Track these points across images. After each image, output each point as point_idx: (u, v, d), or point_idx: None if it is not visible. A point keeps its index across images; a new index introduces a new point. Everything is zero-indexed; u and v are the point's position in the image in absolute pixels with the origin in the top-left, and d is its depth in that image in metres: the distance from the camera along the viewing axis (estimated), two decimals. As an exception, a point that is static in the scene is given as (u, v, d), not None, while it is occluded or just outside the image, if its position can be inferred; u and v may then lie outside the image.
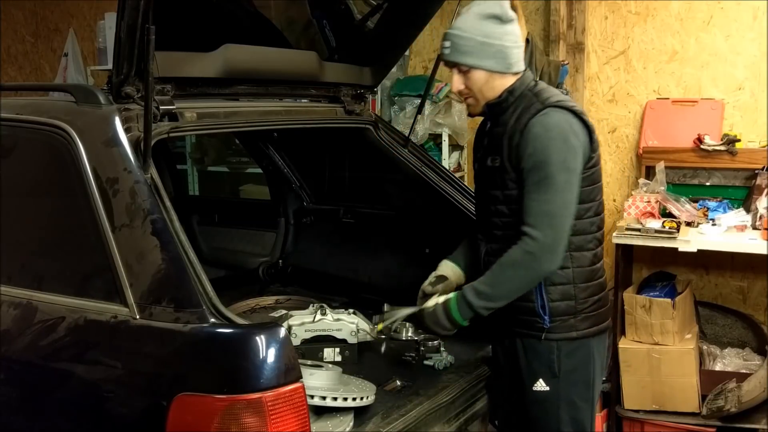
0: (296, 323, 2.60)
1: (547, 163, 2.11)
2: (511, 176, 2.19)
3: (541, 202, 2.12)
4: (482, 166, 2.33)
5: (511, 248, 2.14)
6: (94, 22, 5.66)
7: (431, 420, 2.29)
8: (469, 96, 2.27)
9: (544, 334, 2.25)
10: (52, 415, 1.95)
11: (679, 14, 4.00)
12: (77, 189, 1.98)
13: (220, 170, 5.30)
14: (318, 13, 3.04)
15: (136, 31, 1.90)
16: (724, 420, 3.41)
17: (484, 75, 2.21)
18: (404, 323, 2.95)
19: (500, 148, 2.21)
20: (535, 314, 2.25)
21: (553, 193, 2.12)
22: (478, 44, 2.17)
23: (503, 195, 2.23)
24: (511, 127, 2.19)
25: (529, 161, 2.13)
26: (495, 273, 2.18)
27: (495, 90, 2.24)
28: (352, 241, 3.48)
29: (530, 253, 2.11)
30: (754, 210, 3.53)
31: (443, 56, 2.24)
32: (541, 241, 2.10)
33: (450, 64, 2.25)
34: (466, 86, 2.25)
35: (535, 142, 2.13)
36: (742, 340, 3.88)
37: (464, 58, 2.19)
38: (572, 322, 2.26)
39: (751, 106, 3.88)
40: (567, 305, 2.25)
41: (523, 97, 2.23)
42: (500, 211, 2.26)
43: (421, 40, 4.77)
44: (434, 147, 4.59)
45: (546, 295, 2.23)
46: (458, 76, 2.24)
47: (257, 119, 2.58)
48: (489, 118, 2.32)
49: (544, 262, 2.13)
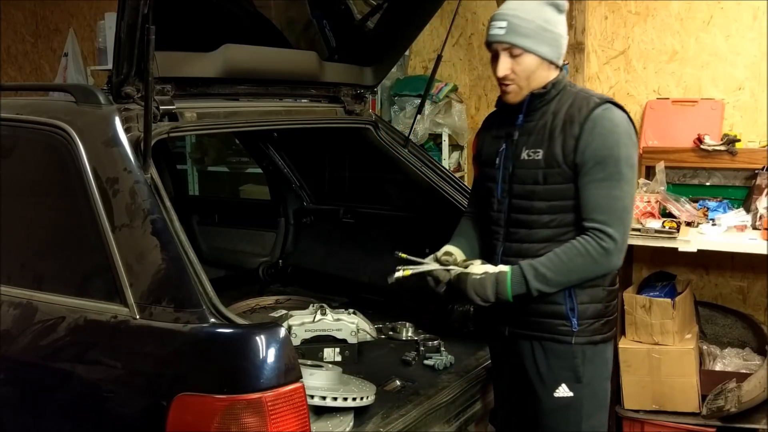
0: (296, 323, 2.60)
1: (616, 158, 2.07)
2: (559, 170, 2.11)
3: (613, 198, 2.07)
4: (507, 160, 2.22)
5: (583, 240, 2.08)
6: (94, 22, 5.66)
7: (431, 420, 2.29)
8: (512, 83, 2.15)
9: (573, 338, 2.18)
10: (52, 415, 1.95)
11: (679, 14, 4.00)
12: (77, 189, 1.98)
13: (220, 170, 5.30)
14: (318, 13, 3.04)
15: (136, 31, 1.90)
16: (724, 420, 3.40)
17: (536, 62, 2.13)
18: (404, 324, 2.96)
19: (543, 142, 2.14)
20: (561, 317, 2.18)
21: (623, 189, 2.08)
22: (538, 28, 2.10)
23: (544, 190, 2.14)
24: (564, 120, 2.11)
25: (594, 155, 2.07)
26: (561, 260, 2.09)
27: (539, 80, 2.16)
28: (352, 241, 3.49)
29: (606, 249, 2.06)
30: (754, 210, 3.52)
31: (495, 38, 2.12)
32: (617, 238, 2.07)
33: (500, 47, 2.12)
34: (513, 71, 2.13)
35: (601, 137, 2.07)
36: (742, 340, 3.88)
37: (522, 40, 2.09)
38: (597, 326, 2.20)
39: (751, 106, 3.88)
40: (595, 308, 2.19)
41: (564, 91, 2.18)
42: (535, 208, 2.16)
43: (421, 40, 4.77)
44: (434, 147, 4.58)
45: (575, 297, 2.17)
46: (507, 59, 2.12)
47: (257, 119, 2.58)
48: (523, 110, 2.20)
49: (614, 260, 2.10)
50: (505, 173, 2.22)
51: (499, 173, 2.24)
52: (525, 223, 2.19)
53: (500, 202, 2.25)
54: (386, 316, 3.05)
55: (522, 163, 2.18)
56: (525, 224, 2.19)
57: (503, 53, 2.13)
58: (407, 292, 3.15)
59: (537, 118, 2.18)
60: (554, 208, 2.14)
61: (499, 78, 2.16)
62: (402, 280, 2.26)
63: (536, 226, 2.16)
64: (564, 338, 2.18)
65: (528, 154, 2.16)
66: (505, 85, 2.17)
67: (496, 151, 2.26)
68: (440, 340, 2.76)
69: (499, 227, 2.25)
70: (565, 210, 2.14)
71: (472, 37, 4.71)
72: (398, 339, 2.90)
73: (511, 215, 2.22)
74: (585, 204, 2.09)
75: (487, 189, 2.30)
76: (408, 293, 3.15)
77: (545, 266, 2.10)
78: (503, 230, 2.24)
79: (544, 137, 2.14)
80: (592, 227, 2.08)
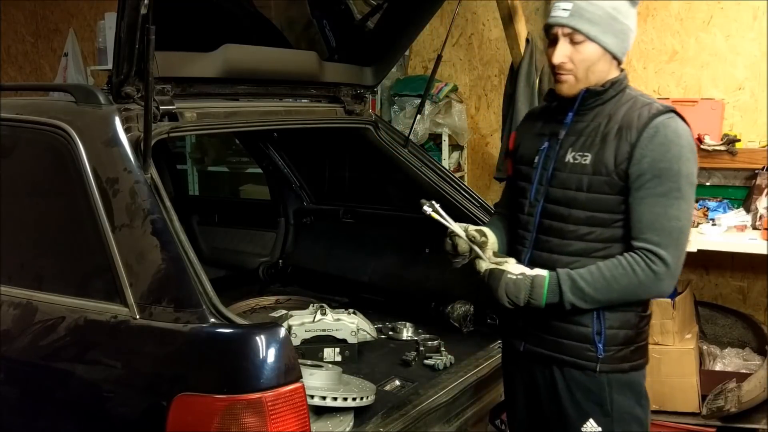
0: (296, 323, 2.60)
1: (678, 173, 1.87)
2: (607, 179, 1.91)
3: (670, 217, 1.87)
4: (548, 161, 2.02)
5: (631, 258, 1.88)
6: (94, 22, 5.66)
7: (431, 420, 2.29)
8: (569, 73, 1.95)
9: (598, 365, 1.96)
10: (52, 415, 1.95)
11: (679, 14, 4.00)
12: (77, 189, 1.98)
13: (220, 170, 5.30)
14: (318, 13, 3.04)
15: (136, 31, 1.90)
16: (724, 420, 3.41)
17: (599, 53, 1.93)
18: (404, 324, 2.95)
19: (593, 145, 1.94)
20: (586, 340, 1.96)
21: (682, 209, 1.88)
22: (606, 16, 1.91)
23: (587, 199, 1.94)
24: (620, 124, 1.92)
25: (652, 167, 1.86)
26: (603, 276, 1.89)
27: (598, 74, 1.96)
28: (352, 241, 3.48)
29: (656, 273, 1.86)
30: (754, 210, 3.53)
31: (558, 20, 1.93)
32: (670, 263, 1.86)
33: (561, 30, 1.93)
34: (571, 59, 1.93)
35: (663, 147, 1.87)
36: (742, 340, 3.88)
37: (588, 26, 1.90)
38: (626, 353, 1.98)
39: (751, 106, 3.88)
40: (625, 334, 1.98)
41: (623, 93, 1.99)
42: (572, 217, 1.96)
43: (421, 40, 4.77)
44: (434, 147, 4.59)
45: (604, 320, 1.96)
46: (567, 45, 1.92)
47: (257, 119, 2.58)
48: (575, 107, 2.00)
49: (664, 286, 1.90)
50: (543, 174, 2.03)
51: (536, 174, 2.05)
52: (558, 232, 1.99)
53: (532, 205, 2.05)
54: (386, 316, 3.05)
55: (566, 166, 1.98)
56: (558, 233, 1.99)
57: (563, 39, 1.93)
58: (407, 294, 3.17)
59: (589, 119, 1.99)
60: (594, 219, 1.94)
61: (555, 65, 1.96)
62: (426, 216, 2.10)
63: (570, 237, 1.97)
64: (587, 364, 1.97)
65: (574, 157, 1.97)
66: (559, 74, 1.97)
67: (536, 149, 2.07)
68: (440, 340, 2.76)
69: (527, 232, 2.07)
70: (605, 224, 1.94)
71: (472, 37, 4.71)
72: (398, 339, 2.90)
73: (544, 221, 2.02)
74: (637, 221, 1.89)
75: (520, 189, 2.12)
76: (408, 294, 3.17)
77: (584, 280, 1.90)
78: (532, 236, 2.05)
79: (596, 141, 1.94)
80: (644, 248, 1.88)
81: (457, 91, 4.68)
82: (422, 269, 3.16)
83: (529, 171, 2.09)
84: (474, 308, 2.94)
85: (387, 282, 3.27)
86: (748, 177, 3.71)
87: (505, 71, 4.37)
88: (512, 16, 3.93)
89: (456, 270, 2.15)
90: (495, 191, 4.72)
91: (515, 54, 4.08)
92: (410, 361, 2.64)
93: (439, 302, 2.99)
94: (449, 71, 4.77)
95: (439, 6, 2.88)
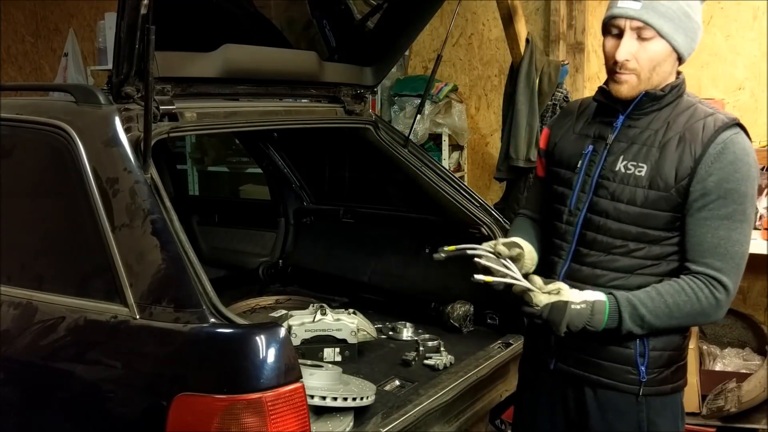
0: (296, 323, 2.60)
1: (744, 195, 1.74)
2: (666, 195, 1.77)
3: (733, 242, 1.75)
4: (593, 167, 1.87)
5: (694, 285, 1.76)
6: (94, 22, 5.66)
7: (431, 420, 2.29)
8: (632, 72, 1.78)
9: (641, 388, 1.85)
10: (52, 416, 1.95)
11: (679, 14, 4.00)
12: (77, 189, 1.98)
13: (220, 170, 5.31)
14: (318, 13, 3.04)
15: (136, 31, 1.90)
16: (724, 420, 3.41)
17: (667, 51, 1.77)
18: (404, 324, 2.95)
19: (649, 155, 1.79)
20: (628, 362, 1.84)
21: (745, 232, 1.77)
22: (681, 13, 1.75)
23: (640, 214, 1.79)
24: (681, 135, 1.77)
25: (718, 187, 1.73)
26: (665, 303, 1.76)
27: (662, 76, 1.80)
28: (352, 241, 3.48)
29: (718, 300, 1.76)
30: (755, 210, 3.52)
31: (627, 12, 1.75)
32: (731, 289, 1.77)
33: (630, 23, 1.75)
34: (636, 57, 1.77)
35: (732, 167, 1.73)
36: (742, 340, 3.88)
37: (660, 21, 1.73)
38: (667, 375, 1.87)
39: (751, 106, 3.88)
40: (669, 356, 1.87)
41: (682, 100, 1.84)
42: (621, 231, 1.82)
43: (421, 40, 4.78)
44: (434, 147, 4.59)
45: (648, 342, 1.84)
46: (633, 41, 1.76)
47: (257, 119, 2.58)
48: (628, 110, 1.85)
49: (720, 314, 1.80)
50: (587, 181, 1.87)
51: (578, 179, 1.88)
52: (603, 246, 1.84)
53: (572, 213, 1.89)
54: (386, 316, 3.05)
55: (615, 175, 1.82)
56: (602, 247, 1.84)
57: (630, 33, 1.75)
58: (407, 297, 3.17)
59: (643, 125, 1.83)
60: (645, 236, 1.80)
61: (617, 63, 1.78)
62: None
63: (617, 252, 1.83)
64: (628, 388, 1.86)
65: (626, 167, 1.81)
66: (619, 73, 1.79)
67: (579, 152, 1.90)
68: (440, 340, 2.76)
69: (565, 242, 1.91)
70: (656, 241, 1.81)
71: (472, 37, 4.71)
72: (398, 339, 2.89)
73: (586, 233, 1.87)
74: (698, 243, 1.77)
75: (557, 195, 1.95)
76: (407, 295, 3.17)
77: (645, 306, 1.76)
78: (571, 248, 1.89)
79: (652, 150, 1.79)
80: (705, 273, 1.76)
81: (457, 91, 4.68)
82: (422, 269, 3.16)
83: (569, 175, 1.92)
84: (474, 308, 2.94)
85: (387, 282, 3.27)
86: (748, 177, 3.71)
87: (505, 71, 4.37)
88: (512, 16, 3.94)
89: (456, 270, 2.14)
90: (495, 191, 4.73)
91: (515, 54, 4.08)
92: (410, 361, 2.64)
93: (439, 302, 2.99)
94: (449, 71, 4.78)
95: (439, 6, 2.88)
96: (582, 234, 1.88)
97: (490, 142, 4.77)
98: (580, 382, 1.92)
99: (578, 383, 1.92)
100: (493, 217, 2.91)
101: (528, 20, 4.23)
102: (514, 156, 4.01)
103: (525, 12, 4.19)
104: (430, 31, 4.72)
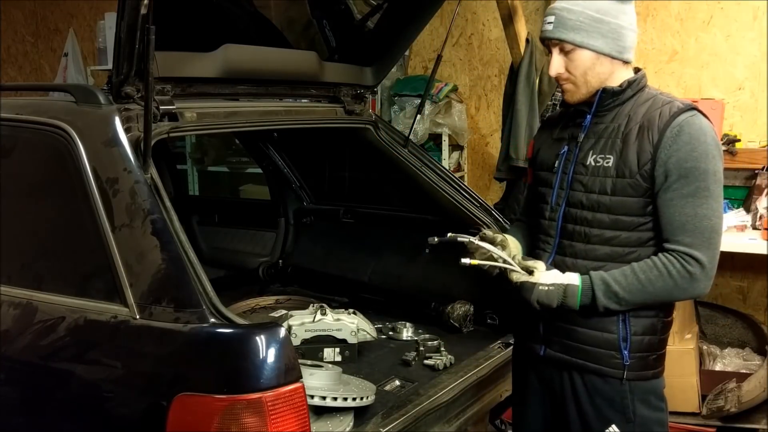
0: (296, 323, 2.60)
1: (705, 172, 1.84)
2: (631, 181, 1.89)
3: (701, 217, 1.85)
4: (568, 165, 2.01)
5: (665, 259, 1.87)
6: (94, 22, 5.66)
7: (431, 420, 2.29)
8: (567, 81, 1.96)
9: (624, 372, 1.96)
10: (52, 415, 1.95)
11: (679, 14, 4.00)
12: (77, 189, 1.98)
13: (220, 170, 5.31)
14: (318, 13, 3.04)
15: (136, 31, 1.90)
16: (724, 420, 3.41)
17: (591, 57, 1.91)
18: (404, 324, 2.96)
19: (614, 147, 1.92)
20: (612, 347, 1.96)
21: (712, 207, 1.86)
22: (589, 20, 1.89)
23: (612, 202, 1.92)
24: (640, 124, 1.90)
25: (678, 167, 1.84)
26: (638, 279, 1.88)
27: (600, 77, 1.94)
28: (352, 241, 3.49)
29: (692, 274, 1.85)
30: (754, 210, 3.53)
31: (545, 34, 1.95)
32: (705, 263, 1.85)
33: (551, 43, 1.95)
34: (567, 69, 1.94)
35: (688, 146, 1.84)
36: (742, 340, 3.88)
37: (569, 34, 1.89)
38: (649, 361, 1.99)
39: (751, 106, 3.88)
40: (650, 341, 1.98)
41: (642, 93, 1.97)
42: (597, 221, 1.94)
43: (421, 40, 4.78)
44: (434, 147, 4.59)
45: (630, 326, 1.95)
46: (559, 56, 1.94)
47: (257, 119, 2.58)
48: (593, 110, 1.99)
49: (700, 287, 1.89)
50: (564, 179, 2.02)
51: (557, 178, 2.04)
52: (582, 236, 1.98)
53: (553, 209, 2.04)
54: (386, 316, 3.05)
55: (587, 169, 1.97)
56: (582, 237, 1.98)
57: (555, 50, 1.95)
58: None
59: (608, 120, 1.97)
60: (619, 223, 1.92)
61: (553, 77, 1.98)
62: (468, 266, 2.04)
63: (596, 241, 1.96)
64: (612, 372, 1.97)
65: (596, 160, 1.95)
66: (560, 84, 2.00)
67: (555, 154, 2.06)
68: (440, 340, 2.76)
69: (549, 237, 2.06)
70: (630, 227, 1.93)
71: (472, 37, 4.71)
72: (398, 339, 2.90)
73: (567, 225, 2.01)
74: (668, 223, 1.88)
75: (540, 195, 2.11)
76: (407, 296, 3.17)
77: (618, 283, 1.89)
78: (555, 241, 2.04)
79: (617, 142, 1.93)
80: (677, 250, 1.86)
81: (457, 91, 4.68)
82: (422, 269, 3.16)
83: (548, 176, 2.08)
84: (474, 308, 2.94)
85: (387, 282, 3.27)
86: (748, 177, 3.71)
87: (505, 71, 4.37)
88: (512, 16, 3.94)
89: (456, 270, 2.14)
90: (495, 191, 4.73)
91: (515, 54, 4.09)
92: (410, 361, 2.64)
93: (439, 302, 2.99)
94: (449, 71, 4.78)
95: (439, 6, 2.88)
96: (563, 227, 2.02)
97: (490, 142, 4.78)
98: (568, 367, 2.04)
99: (567, 368, 2.04)
100: (493, 217, 2.91)
101: (528, 20, 4.23)
102: (513, 156, 4.01)
103: (525, 12, 4.19)
104: (430, 31, 4.72)
